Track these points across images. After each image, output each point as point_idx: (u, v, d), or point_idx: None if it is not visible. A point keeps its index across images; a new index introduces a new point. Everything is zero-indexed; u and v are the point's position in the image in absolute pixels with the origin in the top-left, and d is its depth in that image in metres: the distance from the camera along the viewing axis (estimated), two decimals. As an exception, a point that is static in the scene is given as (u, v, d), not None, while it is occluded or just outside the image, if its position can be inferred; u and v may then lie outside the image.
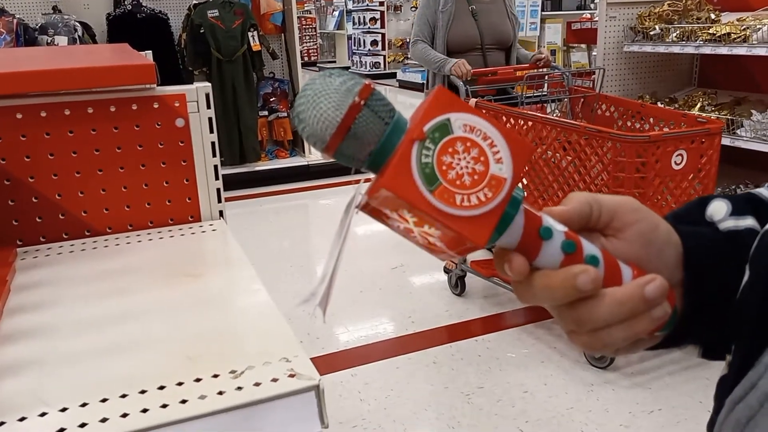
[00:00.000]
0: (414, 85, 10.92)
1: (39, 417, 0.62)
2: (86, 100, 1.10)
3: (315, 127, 0.43)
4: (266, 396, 0.63)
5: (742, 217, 0.49)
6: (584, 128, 2.40)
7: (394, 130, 0.43)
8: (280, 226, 4.46)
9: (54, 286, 0.94)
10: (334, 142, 0.43)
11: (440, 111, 0.42)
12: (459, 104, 0.43)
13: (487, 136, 0.43)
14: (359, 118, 0.43)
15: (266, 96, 5.82)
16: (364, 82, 0.44)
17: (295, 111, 0.44)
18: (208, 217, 1.22)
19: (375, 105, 0.43)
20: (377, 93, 0.44)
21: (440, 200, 0.41)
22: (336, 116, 0.43)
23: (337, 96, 0.43)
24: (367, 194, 0.44)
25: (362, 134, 0.43)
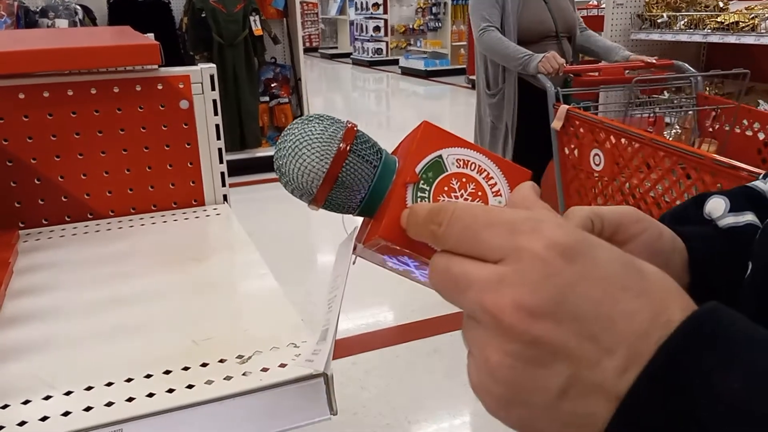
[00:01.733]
0: (417, 72, 10.87)
1: (43, 400, 0.61)
2: (89, 81, 1.08)
3: (300, 180, 0.40)
4: (274, 382, 0.62)
5: (741, 212, 0.49)
6: (710, 162, 1.69)
7: (384, 172, 0.41)
8: (281, 213, 4.45)
9: (57, 268, 0.93)
10: (323, 194, 0.41)
11: (431, 148, 0.40)
12: (448, 138, 0.40)
13: (482, 169, 0.41)
14: (346, 165, 0.40)
15: (267, 81, 5.78)
16: (347, 125, 0.41)
17: (276, 164, 0.42)
18: (211, 201, 1.21)
19: (361, 149, 0.41)
20: (361, 135, 0.42)
21: None
22: (321, 166, 0.40)
23: (319, 144, 0.40)
24: (363, 243, 0.42)
25: (351, 182, 0.40)
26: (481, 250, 0.32)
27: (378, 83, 10.95)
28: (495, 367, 0.30)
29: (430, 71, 10.69)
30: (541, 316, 0.29)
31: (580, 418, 0.30)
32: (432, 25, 11.38)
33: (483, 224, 0.32)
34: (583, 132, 2.36)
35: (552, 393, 0.30)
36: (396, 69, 11.69)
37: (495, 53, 2.69)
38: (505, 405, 0.31)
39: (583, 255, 0.30)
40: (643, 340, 0.29)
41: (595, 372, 0.29)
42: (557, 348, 0.29)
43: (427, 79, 10.55)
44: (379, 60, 12.29)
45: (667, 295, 0.30)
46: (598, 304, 0.29)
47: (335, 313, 0.46)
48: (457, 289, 0.32)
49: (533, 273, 0.30)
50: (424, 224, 0.35)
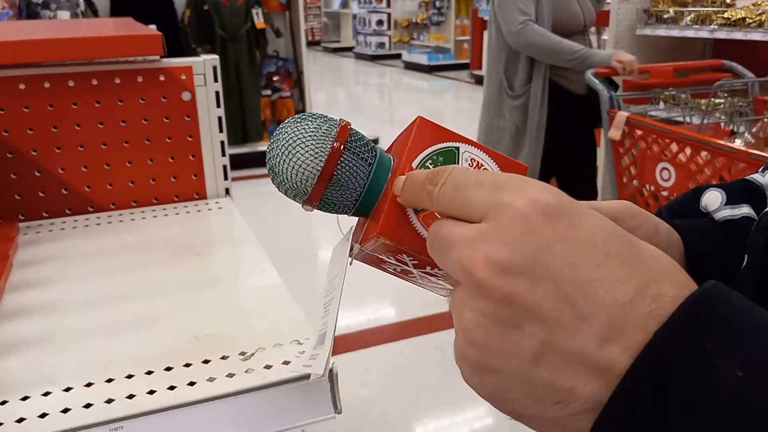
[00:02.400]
0: (420, 67, 10.84)
1: (43, 396, 0.60)
2: (91, 71, 1.06)
3: (293, 179, 0.39)
4: (278, 379, 0.60)
5: (738, 205, 0.48)
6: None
7: (379, 170, 0.40)
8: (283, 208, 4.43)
9: (57, 262, 0.91)
10: (317, 193, 0.40)
11: (427, 143, 0.39)
12: (444, 133, 0.39)
13: (480, 164, 0.39)
14: (341, 163, 0.39)
15: (269, 75, 5.75)
16: (341, 123, 0.40)
17: (268, 164, 0.41)
18: (214, 194, 1.19)
19: (356, 146, 0.40)
20: (355, 132, 0.41)
21: None
22: (316, 165, 0.39)
23: (313, 142, 0.39)
24: (361, 242, 0.41)
25: (347, 180, 0.39)
26: (467, 208, 0.31)
27: (380, 78, 10.92)
28: (467, 326, 0.29)
29: (433, 66, 10.65)
30: (515, 273, 0.28)
31: (556, 393, 0.28)
32: (435, 19, 11.34)
33: (472, 183, 0.31)
34: (648, 143, 2.08)
35: (525, 359, 0.28)
36: (399, 63, 11.66)
37: (541, 48, 2.43)
38: (478, 370, 0.30)
39: (567, 216, 0.29)
40: (626, 310, 0.26)
41: (572, 338, 0.27)
42: (530, 307, 0.27)
43: (430, 74, 10.52)
44: (381, 54, 12.25)
45: (660, 270, 0.28)
46: (576, 266, 0.27)
47: (333, 317, 0.45)
48: (443, 251, 0.32)
49: (511, 229, 0.28)
50: (421, 186, 0.34)
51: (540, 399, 0.28)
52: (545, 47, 2.42)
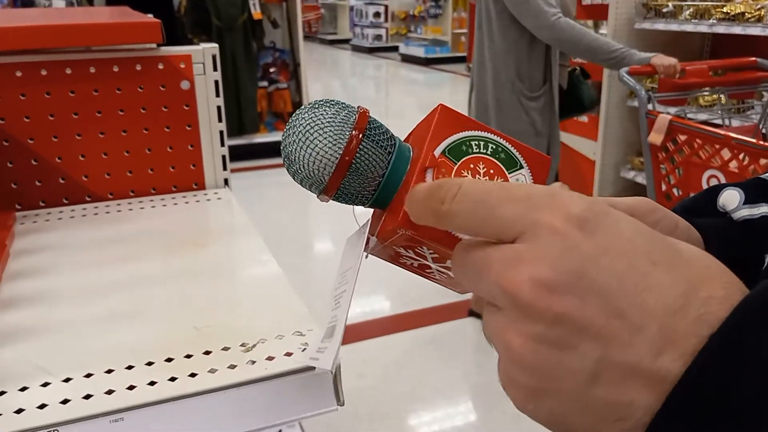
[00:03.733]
0: (417, 60, 10.81)
1: (41, 387, 0.59)
2: (88, 59, 1.05)
3: (310, 168, 0.38)
4: (280, 371, 0.60)
5: (756, 204, 0.47)
6: None
7: (399, 159, 0.38)
8: (281, 200, 4.42)
9: (55, 251, 0.90)
10: (335, 183, 0.38)
11: (449, 131, 0.37)
12: (466, 121, 0.38)
13: (502, 153, 0.38)
14: (360, 151, 0.38)
15: (266, 66, 5.72)
16: (359, 110, 0.39)
17: (284, 152, 0.39)
18: (213, 185, 1.18)
19: (375, 134, 0.38)
20: (374, 120, 0.39)
21: None
22: (334, 152, 0.37)
23: (331, 129, 0.38)
24: (378, 235, 0.39)
25: (366, 169, 0.38)
26: (496, 227, 0.29)
27: (377, 70, 10.89)
28: (517, 352, 0.28)
29: (431, 59, 10.63)
30: (562, 292, 0.27)
31: (616, 409, 0.27)
32: (433, 11, 11.31)
33: (498, 199, 0.30)
34: (694, 148, 1.91)
35: (582, 379, 0.27)
36: (396, 56, 11.62)
37: (577, 44, 2.29)
38: (532, 396, 0.29)
39: (604, 227, 0.28)
40: (678, 317, 0.26)
41: (626, 352, 0.26)
42: (582, 326, 0.26)
43: (427, 67, 10.49)
44: (378, 46, 12.21)
45: (705, 271, 0.27)
46: (623, 277, 0.26)
47: (344, 310, 0.44)
48: (476, 274, 0.30)
49: (551, 248, 0.27)
50: (424, 202, 0.32)
51: (600, 418, 0.28)
52: (582, 44, 2.30)
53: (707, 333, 0.25)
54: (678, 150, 2.01)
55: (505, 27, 2.42)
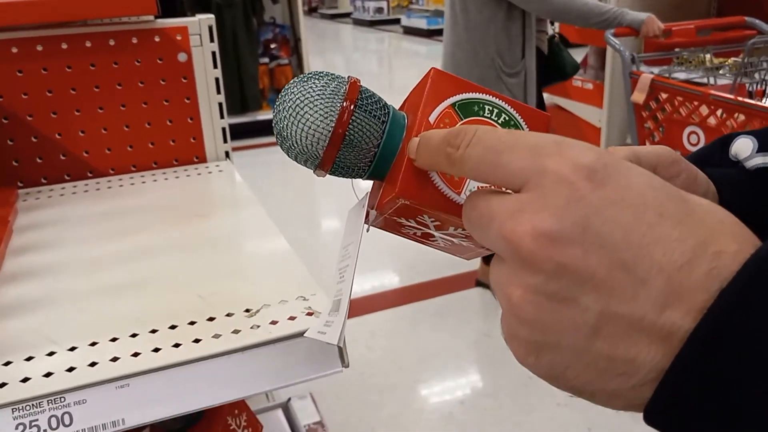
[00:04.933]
0: (419, 31, 10.69)
1: (47, 356, 0.60)
2: (84, 33, 1.04)
3: (303, 143, 0.37)
4: (284, 334, 0.60)
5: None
6: None
7: (393, 128, 0.37)
8: (285, 177, 4.42)
9: (58, 226, 0.91)
10: (329, 157, 0.37)
11: (444, 95, 0.36)
12: (460, 83, 0.37)
13: (501, 114, 0.37)
14: (353, 122, 0.37)
15: (267, 42, 5.68)
16: (349, 80, 0.38)
17: (275, 128, 0.38)
18: (213, 157, 1.18)
19: (367, 104, 0.37)
20: (365, 89, 0.38)
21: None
22: (326, 125, 0.37)
23: (322, 101, 0.37)
24: (378, 207, 0.38)
25: (360, 140, 0.37)
26: (502, 174, 0.29)
27: (379, 43, 10.78)
28: (517, 304, 0.27)
29: (433, 30, 10.50)
30: (565, 243, 0.26)
31: (619, 364, 0.26)
32: (434, -18, 11.13)
33: (506, 146, 0.29)
34: (675, 106, 1.99)
35: (583, 332, 0.26)
36: (398, 28, 11.49)
37: (567, 11, 2.29)
38: (533, 349, 0.28)
39: (614, 178, 0.27)
40: (685, 272, 0.25)
41: (630, 306, 0.25)
42: (584, 277, 0.26)
43: (430, 38, 10.37)
44: (380, 19, 12.07)
45: (718, 226, 0.26)
46: (629, 229, 0.25)
47: (348, 283, 0.44)
48: (482, 225, 0.29)
49: (556, 197, 0.26)
50: (439, 147, 0.32)
51: (602, 373, 0.27)
52: (573, 10, 2.29)
53: (717, 288, 0.24)
54: (660, 108, 2.05)
55: (481, 4, 2.38)
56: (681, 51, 2.37)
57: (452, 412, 2.10)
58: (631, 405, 0.27)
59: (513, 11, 2.37)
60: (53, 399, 0.55)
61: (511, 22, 2.39)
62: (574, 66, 2.71)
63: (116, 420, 0.56)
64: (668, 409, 0.25)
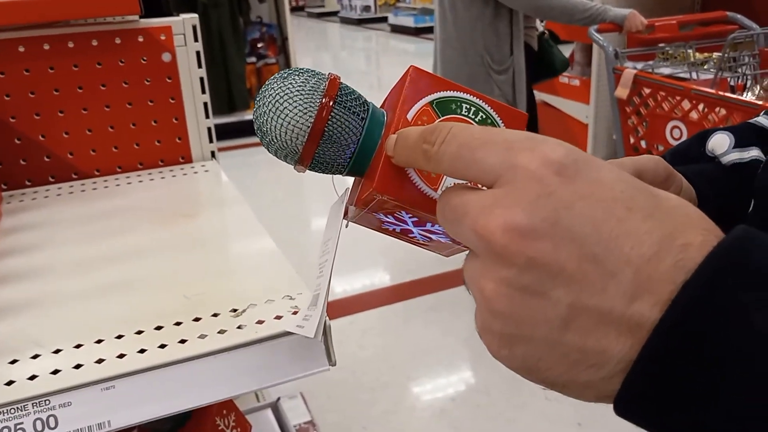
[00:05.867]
0: (407, 30, 10.69)
1: (31, 359, 0.59)
2: (66, 33, 1.03)
3: (283, 138, 0.37)
4: (270, 334, 0.60)
5: (746, 148, 0.47)
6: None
7: (373, 125, 0.38)
8: (273, 177, 4.40)
9: (43, 228, 0.90)
10: (309, 152, 0.38)
11: (422, 93, 0.37)
12: (439, 82, 0.37)
13: (478, 113, 0.38)
14: (332, 118, 0.37)
15: (253, 42, 5.65)
16: (329, 77, 0.38)
17: (255, 124, 0.39)
18: (199, 157, 1.17)
19: (346, 100, 0.38)
20: (345, 86, 0.39)
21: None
22: (305, 121, 0.37)
23: (301, 97, 0.37)
24: (356, 203, 0.39)
25: (339, 136, 0.37)
26: (476, 170, 0.29)
27: (367, 42, 10.77)
28: (490, 297, 0.28)
29: (420, 28, 10.50)
30: (535, 237, 0.26)
31: (589, 356, 0.27)
32: (420, -20, 11.13)
33: (480, 142, 0.29)
34: (658, 101, 2.02)
35: (554, 325, 0.27)
36: (385, 26, 11.48)
37: (551, 8, 2.33)
38: (506, 342, 0.29)
39: (583, 174, 0.27)
40: (653, 264, 0.25)
41: (600, 298, 0.26)
42: (554, 271, 0.26)
43: (418, 36, 10.38)
44: (367, 18, 12.06)
45: (684, 219, 0.27)
46: (599, 224, 0.26)
47: (326, 278, 0.44)
48: (456, 220, 0.30)
49: (527, 192, 0.27)
50: (415, 144, 0.32)
51: (573, 365, 0.27)
52: (558, 6, 2.33)
53: (683, 279, 0.25)
54: (644, 103, 2.08)
55: (468, 1, 2.40)
56: (664, 46, 2.40)
57: (444, 409, 2.10)
58: (603, 396, 0.28)
59: (500, 8, 2.39)
60: (38, 402, 0.54)
61: (499, 20, 2.41)
62: (563, 62, 2.73)
63: (102, 422, 0.55)
64: (636, 399, 0.26)
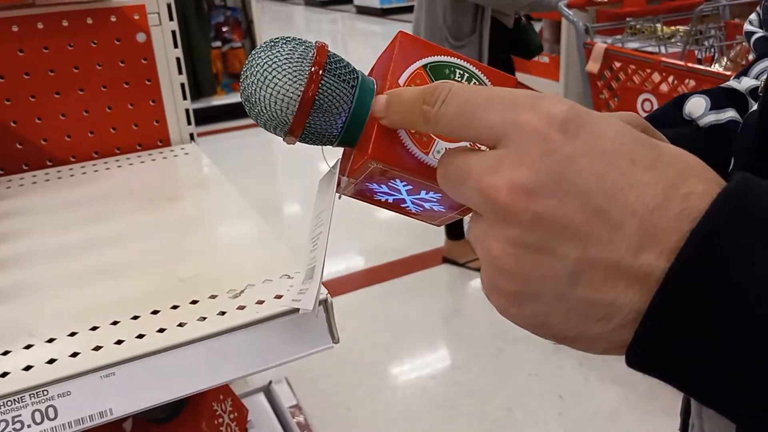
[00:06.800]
0: (373, 11, 10.59)
1: (24, 349, 0.57)
2: (35, 14, 0.99)
3: (272, 108, 0.36)
4: (271, 314, 0.59)
5: (723, 110, 0.48)
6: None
7: (363, 93, 0.37)
8: (245, 162, 4.35)
9: (22, 217, 0.87)
10: (299, 122, 0.37)
11: (412, 58, 0.36)
12: (428, 47, 0.37)
13: (469, 77, 0.37)
14: (323, 86, 0.36)
15: (218, 26, 5.54)
16: (317, 44, 0.37)
17: (243, 95, 0.37)
18: (178, 140, 1.14)
19: (335, 68, 0.37)
20: (333, 54, 0.38)
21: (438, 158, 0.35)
22: (295, 90, 0.36)
23: (289, 66, 0.36)
24: (349, 174, 0.38)
25: (329, 104, 0.36)
26: (477, 128, 0.29)
27: (332, 24, 10.65)
28: (497, 256, 0.28)
29: (387, 9, 10.42)
30: (541, 194, 0.26)
31: (599, 309, 0.27)
32: (385, -39, 11.02)
33: (482, 99, 0.29)
34: (628, 74, 2.06)
35: (562, 279, 0.27)
36: (351, 8, 11.36)
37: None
38: (514, 300, 0.29)
39: (586, 129, 0.27)
40: (658, 213, 0.25)
41: (606, 250, 0.26)
42: (561, 226, 0.26)
43: (384, 18, 10.30)
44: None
45: (686, 169, 0.27)
46: (602, 176, 0.26)
47: (322, 251, 0.43)
48: (459, 181, 0.29)
49: (531, 150, 0.27)
50: (413, 105, 0.32)
51: (583, 318, 0.27)
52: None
53: (688, 228, 0.25)
54: (614, 77, 2.10)
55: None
56: (632, 21, 2.43)
57: (426, 387, 2.12)
58: (613, 348, 0.28)
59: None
60: (35, 393, 0.53)
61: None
62: (538, 46, 2.73)
63: (103, 410, 0.54)
64: (648, 348, 0.26)
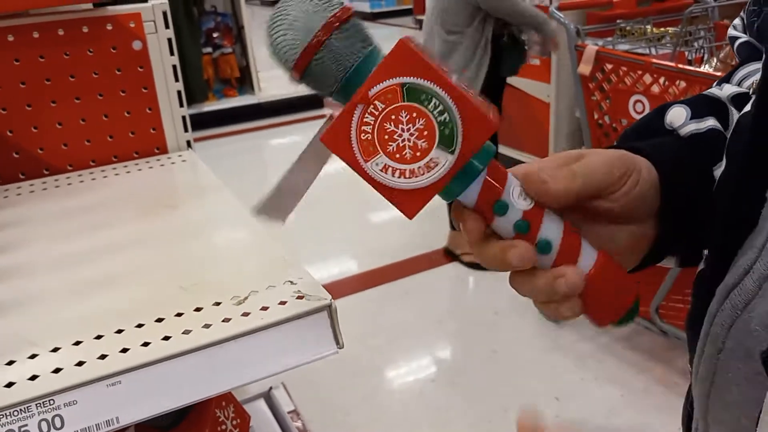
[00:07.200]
0: (362, 15, 10.60)
1: (29, 359, 0.57)
2: (30, 23, 0.99)
3: (300, 22, 0.38)
4: (276, 320, 0.59)
5: (703, 119, 0.48)
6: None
7: (369, 58, 0.39)
8: (237, 168, 4.34)
9: (19, 226, 0.86)
10: (311, 49, 0.38)
11: (395, 72, 0.37)
12: (420, 65, 0.38)
13: (442, 110, 0.38)
14: (343, 27, 0.38)
15: (209, 32, 5.54)
16: (345, 3, 0.40)
17: (269, 21, 0.39)
18: (175, 148, 1.14)
19: (355, 25, 0.39)
20: (358, 19, 0.40)
21: (375, 169, 0.39)
22: (317, 19, 0.38)
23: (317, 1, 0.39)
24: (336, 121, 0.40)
25: (339, 49, 0.38)
26: None
27: (323, 29, 10.66)
28: None
29: (376, 13, 10.44)
30: None
31: None
32: (375, -35, 11.04)
33: None
34: (620, 76, 2.07)
35: None
36: (340, 14, 11.36)
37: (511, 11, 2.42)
38: None
39: None
40: None
41: None
42: None
43: (374, 21, 10.32)
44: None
45: None
46: None
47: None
48: None
49: None
50: None
51: None
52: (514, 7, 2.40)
53: None
54: (606, 79, 2.12)
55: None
56: (623, 22, 2.45)
57: (423, 391, 2.12)
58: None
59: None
60: (42, 402, 0.52)
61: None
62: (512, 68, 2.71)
63: (110, 419, 0.54)
64: None
